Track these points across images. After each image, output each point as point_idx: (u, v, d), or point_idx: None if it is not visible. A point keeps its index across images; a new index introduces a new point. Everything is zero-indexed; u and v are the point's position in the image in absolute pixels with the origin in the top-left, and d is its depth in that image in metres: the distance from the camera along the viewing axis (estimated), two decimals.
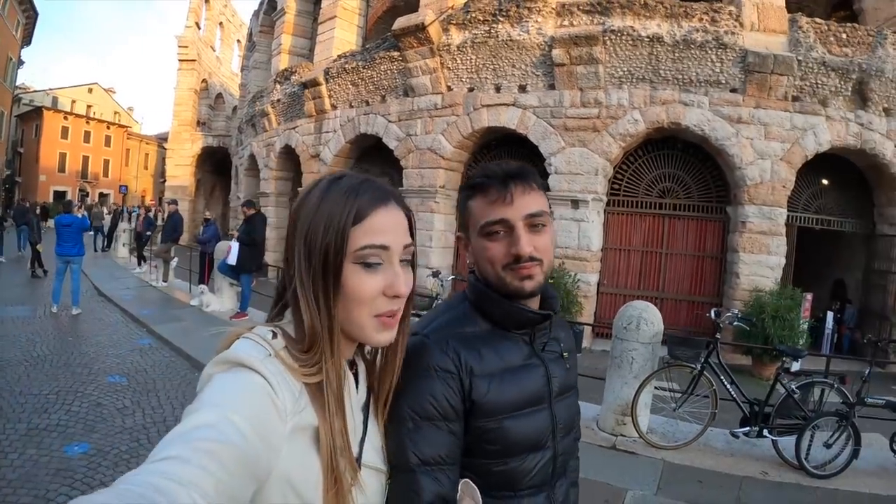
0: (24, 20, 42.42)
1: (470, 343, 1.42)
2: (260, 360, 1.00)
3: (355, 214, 1.09)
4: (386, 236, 1.12)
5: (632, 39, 11.11)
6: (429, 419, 1.31)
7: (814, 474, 5.24)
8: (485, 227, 1.44)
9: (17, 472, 4.91)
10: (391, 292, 1.12)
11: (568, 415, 1.57)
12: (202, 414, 0.89)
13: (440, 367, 1.35)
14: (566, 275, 11.56)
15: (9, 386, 7.07)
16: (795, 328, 9.98)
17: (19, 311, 11.71)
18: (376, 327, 1.13)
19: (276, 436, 0.96)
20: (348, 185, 1.14)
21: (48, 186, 53.28)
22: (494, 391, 1.39)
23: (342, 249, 1.08)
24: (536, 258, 1.42)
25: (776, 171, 10.77)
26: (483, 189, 1.46)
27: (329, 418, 1.05)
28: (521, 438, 1.41)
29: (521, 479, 1.42)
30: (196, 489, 0.77)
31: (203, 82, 37.33)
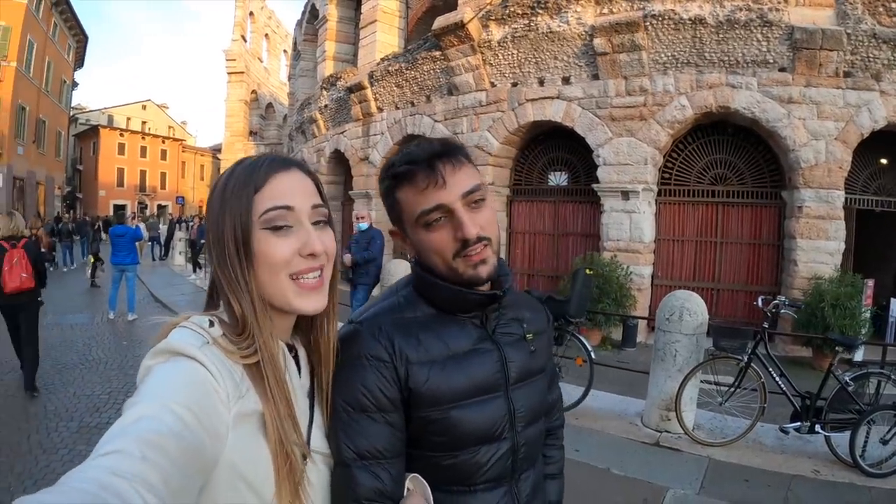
0: (75, 44, 43.92)
1: (407, 329, 1.34)
2: (198, 347, 0.99)
3: (255, 184, 1.09)
4: (288, 198, 1.11)
5: (674, 23, 10.85)
6: (363, 411, 1.24)
7: (869, 473, 4.97)
8: (421, 218, 1.32)
9: (65, 466, 5.08)
10: (306, 251, 1.10)
11: (530, 402, 1.46)
12: (142, 406, 0.87)
13: (371, 356, 1.27)
14: (619, 268, 11.40)
15: (64, 387, 7.43)
16: (857, 317, 9.57)
17: (78, 318, 12.18)
18: (297, 291, 1.11)
19: (220, 423, 0.95)
20: (248, 162, 1.15)
21: (108, 201, 55.20)
22: (436, 379, 1.30)
23: (248, 219, 1.07)
24: (484, 237, 1.31)
25: (831, 152, 10.39)
26: (409, 177, 1.33)
27: (272, 399, 1.02)
28: (470, 429, 1.32)
29: (474, 472, 1.34)
30: (141, 482, 0.75)
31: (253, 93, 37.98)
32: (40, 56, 35.15)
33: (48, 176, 39.26)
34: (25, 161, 34.18)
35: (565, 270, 12.67)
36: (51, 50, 37.54)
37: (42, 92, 36.34)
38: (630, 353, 10.70)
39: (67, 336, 10.37)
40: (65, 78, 42.26)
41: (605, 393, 7.03)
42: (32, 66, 34.00)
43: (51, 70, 37.78)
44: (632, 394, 7.06)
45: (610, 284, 10.96)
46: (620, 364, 8.47)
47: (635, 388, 7.22)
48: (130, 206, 56.57)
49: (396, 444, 1.28)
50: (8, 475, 4.91)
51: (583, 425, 6.01)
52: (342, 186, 20.66)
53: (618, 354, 10.38)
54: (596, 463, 5.13)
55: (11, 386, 7.37)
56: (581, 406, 6.40)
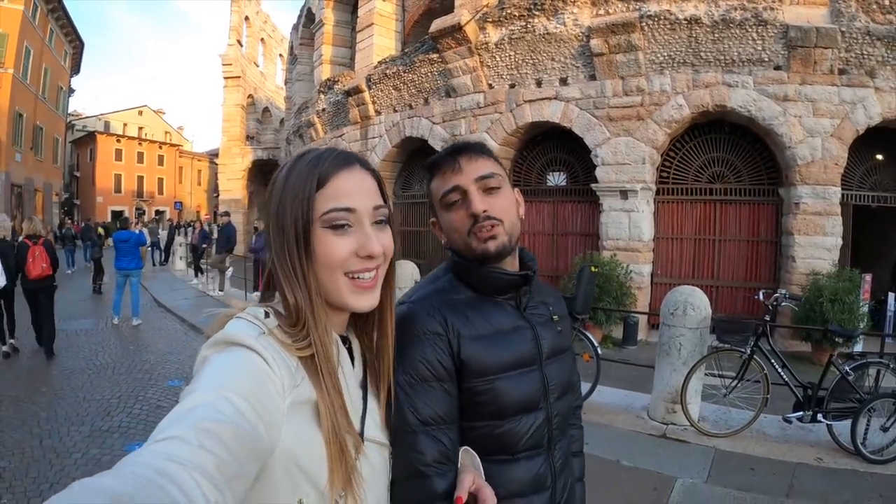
0: (72, 50, 43.89)
1: (456, 308, 1.47)
2: (254, 337, 1.00)
3: (318, 180, 1.11)
4: (351, 198, 1.12)
5: (669, 23, 10.94)
6: (424, 380, 1.35)
7: (871, 460, 5.07)
8: (443, 199, 1.52)
9: (80, 470, 5.15)
10: (363, 252, 1.13)
11: (560, 377, 1.59)
12: (200, 394, 0.89)
13: (429, 330, 1.40)
14: (618, 266, 11.47)
15: (73, 392, 7.44)
16: (855, 311, 9.63)
17: (83, 324, 12.23)
18: (352, 290, 1.14)
19: (276, 412, 0.96)
20: (311, 156, 1.16)
21: (105, 207, 54.96)
22: (484, 352, 1.42)
23: (309, 216, 1.09)
24: (494, 217, 1.48)
25: (827, 149, 10.48)
26: (436, 167, 1.56)
27: (325, 390, 1.06)
28: (513, 399, 1.44)
29: (516, 441, 1.46)
30: (197, 469, 0.76)
31: (249, 98, 37.87)
32: (37, 63, 35.10)
33: (46, 183, 39.17)
34: (23, 168, 34.11)
35: (565, 270, 12.73)
36: (47, 56, 37.49)
37: (39, 98, 36.29)
38: (631, 350, 10.76)
39: (73, 342, 10.40)
40: (61, 84, 42.21)
41: (611, 388, 7.10)
42: (29, 73, 33.96)
43: (47, 77, 37.73)
44: (636, 389, 7.13)
45: (610, 283, 11.02)
46: (624, 360, 8.54)
47: (639, 383, 7.29)
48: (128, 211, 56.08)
49: (454, 410, 1.39)
50: (23, 479, 4.93)
51: (591, 420, 6.06)
52: None
53: (619, 352, 10.43)
54: (605, 455, 5.19)
55: (21, 392, 7.38)
56: (588, 401, 6.46)
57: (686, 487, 4.64)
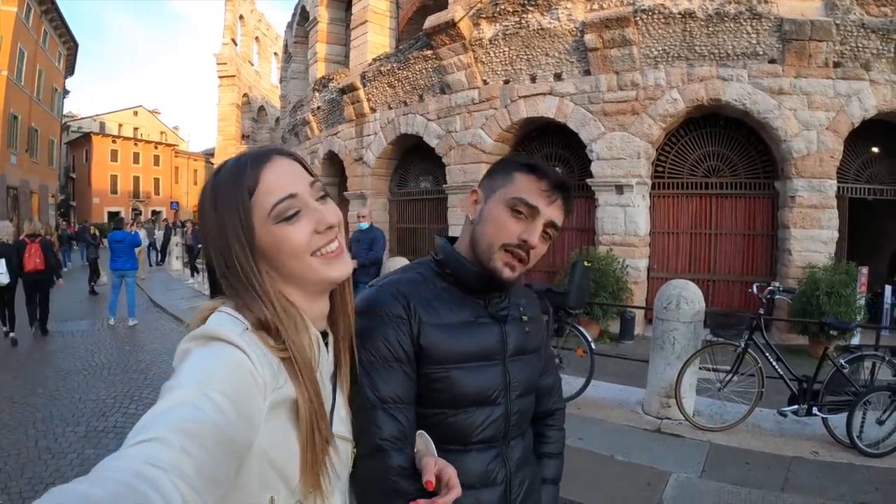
0: (66, 51, 43.73)
1: (422, 297, 1.50)
2: (238, 334, 0.99)
3: (248, 187, 1.09)
4: (287, 186, 1.11)
5: (663, 17, 10.93)
6: (384, 360, 1.39)
7: (866, 452, 5.04)
8: (515, 202, 1.49)
9: (75, 470, 5.14)
10: (322, 226, 1.12)
11: (524, 376, 1.61)
12: (181, 391, 0.87)
13: (392, 313, 1.44)
14: (615, 261, 11.47)
15: (69, 393, 7.43)
16: (852, 304, 9.65)
17: (79, 325, 12.22)
18: (323, 263, 1.13)
19: (256, 411, 0.95)
20: (230, 167, 1.14)
21: (102, 208, 55.02)
22: (443, 340, 1.46)
23: (250, 225, 1.07)
24: (527, 257, 1.50)
25: (823, 142, 10.47)
26: (541, 175, 1.51)
27: (306, 392, 1.05)
28: (468, 390, 1.48)
29: (469, 432, 1.49)
30: (177, 473, 0.75)
31: (244, 96, 37.92)
32: (31, 64, 34.99)
33: (42, 184, 39.08)
34: (19, 170, 34.06)
35: (561, 265, 12.70)
36: (41, 58, 37.38)
37: (34, 100, 36.19)
38: (628, 345, 10.77)
39: (69, 343, 10.40)
40: (56, 86, 42.07)
41: (606, 383, 7.09)
42: (24, 75, 33.84)
43: (42, 78, 37.63)
44: (631, 383, 7.13)
45: (606, 278, 11.02)
46: (619, 354, 8.54)
47: (634, 378, 7.28)
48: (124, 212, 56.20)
49: (411, 392, 1.43)
50: (18, 480, 4.93)
51: (585, 414, 6.07)
52: (336, 188, 20.63)
53: (616, 347, 10.44)
54: (600, 450, 5.18)
55: (17, 393, 7.37)
56: (583, 396, 6.46)
57: (680, 482, 4.62)
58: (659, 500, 4.36)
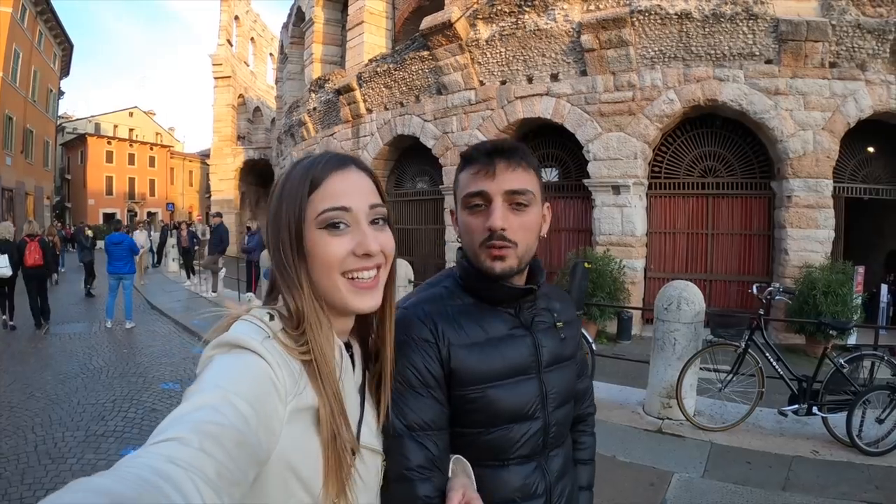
0: (61, 52, 43.59)
1: (450, 315, 1.45)
2: (259, 341, 0.99)
3: (310, 183, 1.11)
4: (345, 198, 1.12)
5: (660, 18, 10.96)
6: (410, 387, 1.35)
7: (866, 451, 5.08)
8: (466, 199, 1.46)
9: (75, 475, 4.92)
10: (360, 251, 1.12)
11: (562, 386, 1.56)
12: (204, 395, 0.88)
13: (418, 337, 1.39)
14: (612, 262, 11.47)
15: (67, 397, 7.39)
16: (848, 303, 9.71)
17: (76, 327, 12.21)
18: (350, 290, 1.13)
19: (276, 419, 0.96)
20: (307, 161, 1.17)
21: (97, 209, 54.78)
22: (475, 360, 1.40)
23: (301, 217, 1.10)
24: (509, 239, 1.41)
25: (819, 142, 10.51)
26: (470, 161, 1.48)
27: (326, 396, 1.05)
28: (505, 407, 1.42)
29: (507, 448, 1.44)
30: (197, 473, 0.76)
31: (240, 97, 37.78)
32: (26, 65, 34.86)
33: (37, 186, 38.93)
34: (14, 172, 33.90)
35: (558, 266, 12.71)
36: (37, 59, 37.24)
37: (29, 101, 36.04)
38: (625, 345, 10.80)
39: (67, 346, 10.36)
40: (51, 87, 41.92)
41: (605, 384, 7.10)
42: (18, 76, 33.73)
43: (37, 79, 37.50)
44: (631, 384, 7.13)
45: (604, 278, 11.03)
46: (619, 355, 8.55)
47: (633, 378, 7.31)
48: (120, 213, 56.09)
49: (441, 417, 1.38)
50: (18, 485, 4.90)
51: None
52: None
53: (613, 347, 10.47)
54: (602, 451, 5.16)
55: (15, 398, 7.32)
56: None
57: (683, 482, 4.65)
58: (662, 500, 4.39)
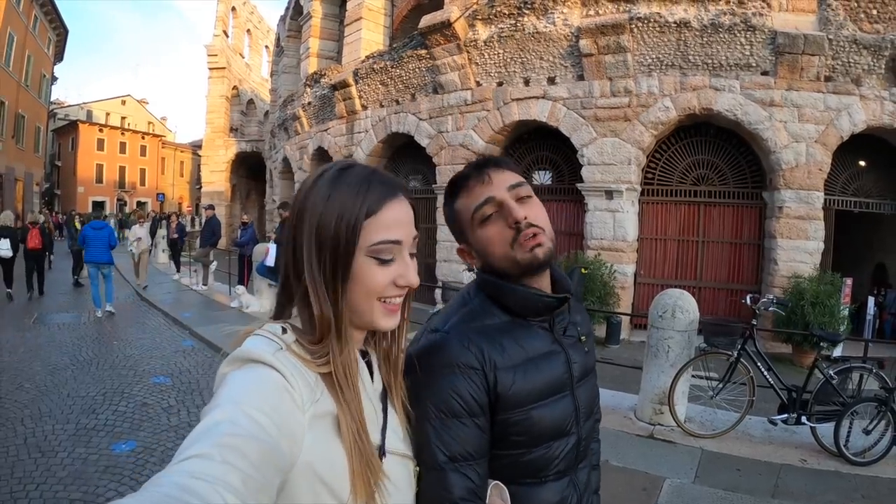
0: (55, 37, 43.24)
1: (491, 336, 1.41)
2: (271, 353, 1.01)
3: (368, 208, 1.10)
4: (398, 231, 1.13)
5: (659, 26, 11.02)
6: (454, 416, 1.31)
7: (853, 461, 5.16)
8: (476, 214, 1.45)
9: (66, 469, 5.08)
10: (403, 282, 1.14)
11: (588, 398, 1.58)
12: (220, 410, 0.90)
13: (463, 364, 1.34)
14: (602, 266, 11.53)
15: (57, 388, 7.34)
16: (836, 314, 9.79)
17: (65, 317, 12.16)
18: (383, 313, 1.15)
19: (297, 426, 0.97)
20: (358, 177, 1.14)
21: (87, 197, 54.48)
22: (519, 382, 1.39)
23: (354, 243, 1.09)
24: (535, 224, 1.42)
25: (811, 154, 10.60)
26: (462, 183, 1.50)
27: (346, 404, 1.06)
28: (547, 427, 1.42)
29: (546, 466, 1.44)
30: (223, 485, 0.78)
31: (234, 89, 37.63)
32: (20, 50, 34.56)
33: (27, 172, 38.61)
34: (4, 157, 33.62)
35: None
36: (31, 43, 36.95)
37: (21, 86, 35.75)
38: (614, 349, 10.84)
39: (56, 336, 10.28)
40: (44, 72, 41.59)
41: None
42: (12, 60, 33.46)
43: (30, 64, 37.19)
44: (622, 389, 7.18)
45: (594, 283, 11.08)
46: (609, 360, 8.59)
47: (623, 383, 7.36)
48: (109, 202, 56.20)
49: (484, 445, 1.35)
50: (8, 479, 4.84)
51: None
52: None
53: (602, 351, 10.48)
54: None
55: (3, 389, 7.24)
56: None
57: (674, 487, 4.70)
58: None
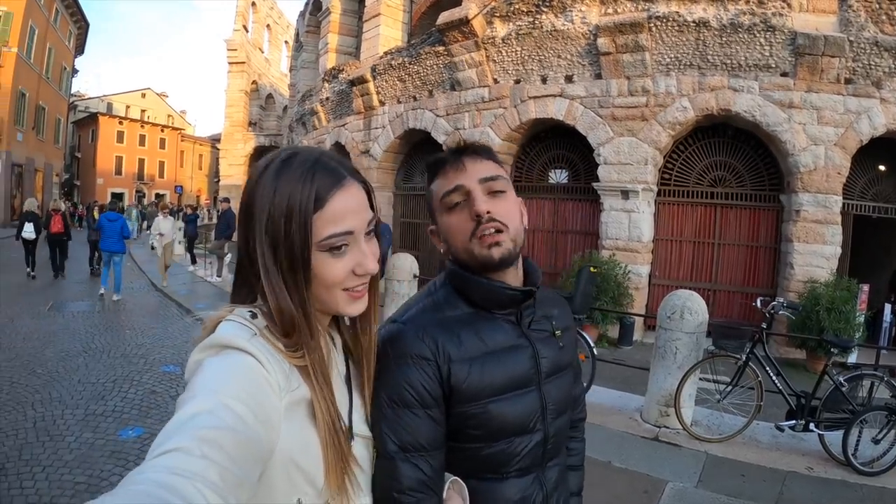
0: (76, 30, 43.75)
1: (449, 328, 1.40)
2: (247, 339, 0.99)
3: (315, 201, 1.06)
4: (349, 221, 1.10)
5: (677, 25, 10.92)
6: (406, 406, 1.30)
7: (861, 471, 5.07)
8: (444, 200, 1.44)
9: (73, 453, 5.15)
10: (361, 271, 1.12)
11: (560, 395, 1.54)
12: (198, 401, 0.88)
13: (416, 354, 1.34)
14: (617, 266, 11.47)
15: (68, 375, 7.45)
16: (851, 321, 9.65)
17: (80, 305, 12.30)
18: (348, 301, 1.14)
19: (274, 413, 0.96)
20: (302, 167, 1.10)
21: (105, 189, 55.02)
22: (475, 375, 1.37)
23: (308, 241, 1.06)
24: (498, 220, 1.39)
25: (830, 157, 10.47)
26: (439, 166, 1.49)
27: (320, 393, 1.06)
28: (506, 422, 1.40)
29: (507, 462, 1.42)
30: (201, 480, 0.76)
31: (253, 84, 37.77)
32: (41, 42, 34.98)
33: (47, 163, 39.07)
34: (24, 147, 34.03)
35: (563, 267, 12.73)
36: (52, 36, 37.35)
37: (42, 78, 36.17)
38: (626, 350, 10.79)
39: (70, 324, 10.40)
40: (65, 65, 42.09)
41: (605, 389, 7.10)
42: (33, 53, 33.85)
43: (51, 56, 37.60)
44: (630, 390, 7.15)
45: (608, 283, 11.02)
46: (619, 361, 8.53)
47: (633, 384, 7.32)
48: (128, 194, 56.75)
49: (438, 437, 1.34)
50: (16, 461, 4.93)
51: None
52: None
53: (614, 352, 10.44)
54: (597, 456, 5.18)
55: (16, 374, 7.35)
56: None
57: (676, 491, 4.66)
58: None
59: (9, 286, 14.20)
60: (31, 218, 15.61)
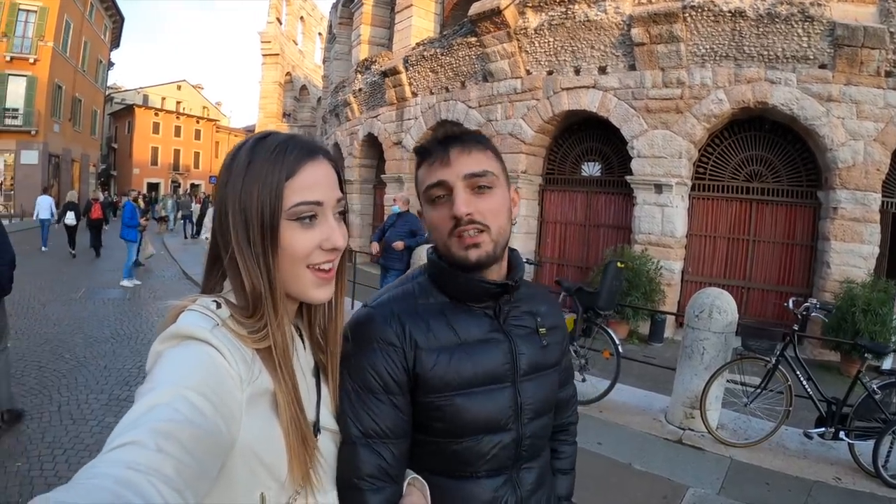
0: (111, 24, 44.73)
1: (419, 316, 1.38)
2: (208, 330, 0.98)
3: (286, 172, 1.08)
4: (318, 191, 1.11)
5: (713, 15, 10.68)
6: (370, 391, 1.29)
7: (891, 484, 4.84)
8: (427, 192, 1.39)
9: (94, 437, 5.25)
10: (328, 245, 1.12)
11: (540, 396, 1.47)
12: (156, 393, 0.87)
13: (382, 339, 1.32)
14: (649, 261, 11.31)
15: (95, 360, 7.58)
16: (888, 323, 9.32)
17: (111, 293, 12.51)
18: (315, 282, 1.13)
19: (235, 405, 0.95)
20: (274, 142, 1.12)
21: (142, 179, 56.09)
22: (442, 366, 1.33)
23: (278, 209, 1.06)
24: (479, 222, 1.34)
25: (869, 153, 10.16)
26: (425, 154, 1.43)
27: (283, 381, 1.05)
28: (474, 418, 1.35)
29: (475, 460, 1.37)
30: (157, 475, 0.75)
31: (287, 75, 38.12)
32: (77, 36, 35.71)
33: (83, 154, 39.92)
34: (61, 138, 34.76)
35: (595, 261, 12.62)
36: (87, 30, 38.08)
37: (78, 71, 36.91)
38: (657, 348, 10.64)
39: (100, 311, 10.56)
40: (101, 58, 42.98)
41: (631, 387, 6.99)
42: (69, 46, 34.56)
43: (87, 50, 38.33)
44: (657, 389, 7.03)
45: (640, 278, 10.89)
46: (647, 359, 8.42)
47: (660, 383, 7.19)
48: (164, 184, 57.64)
49: (401, 425, 1.31)
50: (38, 443, 5.01)
51: (607, 419, 5.99)
52: (374, 170, 20.79)
53: (644, 349, 10.32)
54: (618, 457, 5.11)
55: (44, 358, 7.48)
56: (606, 399, 6.38)
57: (697, 498, 4.53)
58: None
59: (47, 270, 15.14)
60: (72, 207, 18.84)
